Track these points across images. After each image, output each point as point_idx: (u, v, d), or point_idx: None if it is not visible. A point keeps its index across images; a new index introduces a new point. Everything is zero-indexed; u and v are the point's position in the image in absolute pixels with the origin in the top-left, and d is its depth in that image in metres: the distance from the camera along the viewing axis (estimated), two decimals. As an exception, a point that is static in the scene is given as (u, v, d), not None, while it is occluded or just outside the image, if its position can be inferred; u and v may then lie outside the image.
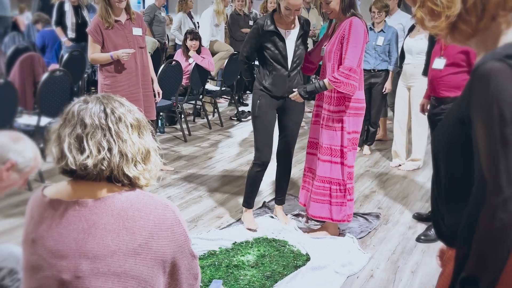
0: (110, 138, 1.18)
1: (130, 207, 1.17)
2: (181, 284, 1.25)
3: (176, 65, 5.49)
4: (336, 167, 3.18)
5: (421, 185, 4.48)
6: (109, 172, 1.18)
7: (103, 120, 1.19)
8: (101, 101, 1.23)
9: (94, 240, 1.14)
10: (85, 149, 1.16)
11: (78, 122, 1.18)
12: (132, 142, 1.21)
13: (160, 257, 1.17)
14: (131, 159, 1.20)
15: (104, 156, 1.16)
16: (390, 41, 5.05)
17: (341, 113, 3.10)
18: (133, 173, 1.21)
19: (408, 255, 3.16)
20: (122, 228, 1.14)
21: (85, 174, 1.18)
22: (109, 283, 1.11)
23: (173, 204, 1.25)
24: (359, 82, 3.08)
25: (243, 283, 2.75)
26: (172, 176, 4.48)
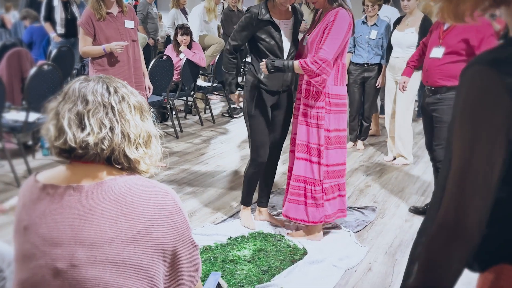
0: (113, 117, 1.13)
1: (128, 193, 1.11)
2: (182, 274, 1.19)
3: (167, 60, 5.41)
4: (312, 166, 3.01)
5: (416, 178, 4.45)
6: (109, 152, 1.12)
7: (106, 98, 1.14)
8: (103, 80, 1.18)
9: (90, 226, 1.07)
10: (86, 126, 1.10)
11: (79, 98, 1.13)
12: (135, 124, 1.16)
13: (160, 245, 1.11)
14: (133, 140, 1.15)
15: (105, 135, 1.11)
16: (383, 35, 5.02)
17: (319, 109, 2.93)
18: (134, 155, 1.15)
19: (406, 248, 3.12)
20: (120, 214, 1.08)
21: (84, 154, 1.11)
22: (107, 272, 1.06)
23: (173, 191, 1.19)
24: (341, 77, 2.97)
25: (239, 277, 2.70)
26: (164, 172, 4.41)
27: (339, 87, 2.96)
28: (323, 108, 2.92)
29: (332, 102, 2.94)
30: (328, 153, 3.00)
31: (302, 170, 3.03)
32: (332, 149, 3.02)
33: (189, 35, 5.90)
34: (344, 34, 2.82)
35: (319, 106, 2.93)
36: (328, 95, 2.92)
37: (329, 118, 2.95)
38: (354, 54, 5.16)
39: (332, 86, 2.93)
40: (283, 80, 3.11)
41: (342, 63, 2.96)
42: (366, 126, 5.38)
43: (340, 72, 2.95)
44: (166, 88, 5.50)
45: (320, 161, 2.99)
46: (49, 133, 1.14)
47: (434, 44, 3.24)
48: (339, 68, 2.94)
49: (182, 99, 6.45)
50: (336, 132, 3.01)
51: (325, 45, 2.79)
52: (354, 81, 5.20)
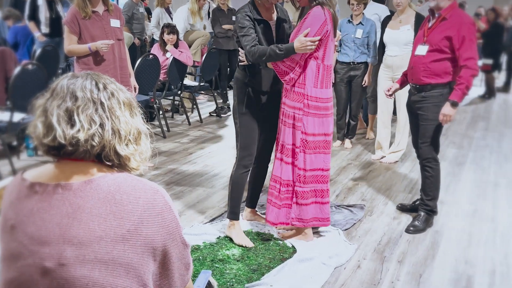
0: (103, 113, 1.11)
1: (117, 191, 1.09)
2: (173, 273, 1.18)
3: (153, 59, 5.37)
4: (285, 167, 2.97)
5: (404, 176, 4.48)
6: (100, 148, 1.11)
7: (95, 94, 1.12)
8: (92, 76, 1.16)
9: (79, 225, 1.05)
10: (76, 122, 1.08)
11: (68, 94, 1.11)
12: (125, 120, 1.14)
13: (150, 243, 1.10)
14: (124, 137, 1.14)
15: (95, 131, 1.09)
16: (369, 34, 5.03)
17: (296, 109, 2.87)
18: (125, 152, 1.13)
19: (394, 245, 3.14)
20: (109, 212, 1.07)
21: (74, 151, 1.09)
22: (96, 271, 1.04)
23: (163, 189, 1.18)
24: (322, 80, 2.86)
25: (229, 277, 2.68)
26: (152, 172, 4.38)
27: (319, 90, 2.86)
28: (301, 109, 2.86)
29: (311, 104, 2.85)
30: (305, 157, 2.92)
31: (278, 170, 3.01)
32: (311, 153, 2.93)
33: (175, 34, 5.86)
34: (313, 33, 2.73)
35: (296, 106, 2.87)
36: (306, 97, 2.84)
37: (307, 121, 2.87)
38: (340, 53, 5.18)
39: (311, 88, 2.84)
40: (272, 80, 3.03)
41: (323, 64, 2.85)
42: (353, 125, 5.40)
43: (320, 74, 2.84)
44: (153, 87, 5.46)
45: (294, 163, 2.93)
46: (37, 131, 1.11)
47: (418, 42, 3.26)
48: (319, 70, 2.84)
49: (169, 99, 6.42)
50: (317, 137, 2.91)
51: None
52: (340, 79, 5.22)
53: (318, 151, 2.95)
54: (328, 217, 3.09)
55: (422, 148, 3.32)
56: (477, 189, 4.19)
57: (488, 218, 3.59)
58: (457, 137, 6.00)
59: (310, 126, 2.88)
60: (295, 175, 2.95)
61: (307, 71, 2.83)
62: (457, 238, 3.26)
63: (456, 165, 4.85)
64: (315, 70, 2.83)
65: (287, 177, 2.98)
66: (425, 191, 3.39)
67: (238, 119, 3.05)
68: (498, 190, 4.19)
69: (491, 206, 3.82)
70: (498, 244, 3.19)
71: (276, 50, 2.76)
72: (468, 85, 3.06)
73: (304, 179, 2.95)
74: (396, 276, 2.77)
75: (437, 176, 3.36)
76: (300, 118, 2.87)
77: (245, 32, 2.85)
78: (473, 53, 3.06)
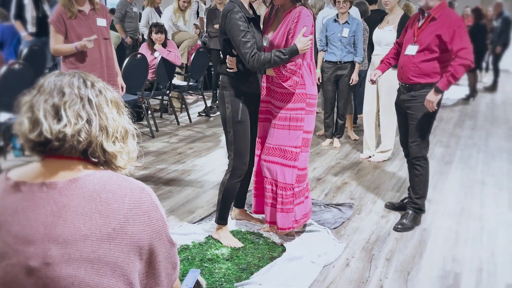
0: (90, 110, 1.11)
1: (103, 189, 1.08)
2: (159, 272, 1.17)
3: (141, 59, 5.34)
4: (286, 170, 2.94)
5: (392, 175, 4.51)
6: (86, 144, 1.10)
7: (83, 91, 1.12)
8: (80, 74, 1.16)
9: (64, 223, 1.04)
10: (63, 117, 1.08)
11: (55, 90, 1.10)
12: (112, 118, 1.14)
13: (136, 242, 1.09)
14: (111, 134, 1.13)
15: (82, 127, 1.09)
16: (355, 33, 5.06)
17: (299, 110, 2.86)
18: (112, 149, 1.13)
19: (382, 243, 3.15)
20: (94, 211, 1.06)
21: (60, 146, 1.09)
22: (81, 270, 1.03)
23: (149, 188, 1.17)
24: (313, 77, 2.93)
25: (218, 276, 2.68)
26: (140, 172, 4.36)
27: (314, 88, 2.93)
28: (304, 109, 2.87)
29: (309, 102, 2.89)
30: (302, 156, 2.95)
31: (275, 174, 2.96)
32: (305, 151, 2.97)
33: (163, 33, 5.84)
34: (308, 33, 2.76)
35: (300, 107, 2.86)
36: (307, 96, 2.87)
37: (308, 119, 2.91)
38: (327, 52, 5.20)
39: (310, 87, 2.88)
40: (259, 82, 2.99)
41: (312, 62, 2.91)
42: (341, 124, 5.42)
43: (312, 72, 2.91)
44: (141, 87, 5.43)
45: (295, 165, 2.92)
46: (23, 127, 1.10)
47: (409, 41, 3.28)
48: (310, 68, 2.90)
49: (157, 98, 6.39)
50: (310, 134, 2.97)
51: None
52: (327, 79, 5.24)
53: (307, 150, 2.99)
54: (310, 209, 3.16)
55: (412, 147, 3.34)
56: (464, 188, 4.23)
57: (475, 217, 3.62)
58: (444, 136, 6.05)
59: (310, 124, 2.93)
60: (294, 177, 2.93)
61: (304, 71, 2.84)
62: (444, 236, 3.29)
63: (444, 164, 4.89)
64: (307, 69, 2.86)
65: (284, 180, 2.94)
66: (414, 189, 3.41)
67: (232, 128, 2.90)
68: (485, 188, 4.23)
69: (478, 205, 3.86)
70: (485, 242, 3.22)
71: (281, 55, 2.69)
72: (455, 74, 3.01)
73: (299, 178, 2.97)
74: (384, 274, 2.79)
75: (426, 175, 3.39)
76: (303, 118, 2.87)
77: (242, 37, 2.67)
78: (464, 43, 3.02)
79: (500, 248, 3.14)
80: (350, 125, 5.77)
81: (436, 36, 3.10)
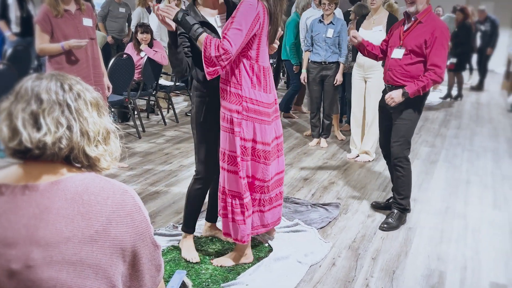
0: (70, 116, 1.09)
1: (85, 191, 1.08)
2: (143, 275, 1.17)
3: (127, 59, 5.31)
4: (231, 177, 2.67)
5: (378, 174, 4.54)
6: (68, 151, 1.09)
7: (61, 96, 1.10)
8: (57, 77, 1.13)
9: (46, 226, 1.04)
10: (42, 125, 1.06)
11: (32, 98, 1.08)
12: (93, 121, 1.13)
13: (119, 244, 1.09)
14: (93, 138, 1.12)
15: (63, 134, 1.07)
16: (340, 33, 5.09)
17: (233, 112, 2.59)
18: (94, 153, 1.12)
19: (368, 242, 3.17)
20: (76, 213, 1.05)
21: (41, 154, 1.08)
22: (64, 273, 1.02)
23: (132, 190, 1.17)
24: (258, 81, 2.61)
25: (204, 277, 2.67)
26: (126, 173, 4.33)
27: (257, 92, 2.60)
28: (240, 113, 2.58)
29: (250, 107, 2.59)
30: (246, 164, 2.68)
31: (223, 179, 2.72)
32: (248, 160, 2.68)
33: (149, 33, 5.81)
34: (248, 25, 2.44)
35: (233, 109, 2.59)
36: (244, 99, 2.58)
37: (247, 125, 2.61)
38: (312, 53, 5.23)
39: (248, 89, 2.58)
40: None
41: (257, 64, 2.58)
42: (327, 124, 5.44)
43: (255, 74, 2.58)
44: (127, 87, 5.40)
45: (238, 172, 2.65)
46: (2, 134, 1.09)
47: (395, 45, 3.31)
48: (253, 69, 2.58)
49: (144, 99, 6.36)
50: (254, 144, 2.66)
51: (228, 35, 2.43)
52: (313, 79, 5.26)
53: (258, 160, 2.71)
54: (268, 223, 2.88)
55: (394, 147, 3.37)
56: (449, 187, 4.27)
57: (460, 215, 3.66)
58: (430, 135, 6.10)
59: (250, 132, 2.63)
60: (242, 185, 2.66)
61: (241, 70, 2.56)
62: (429, 235, 3.32)
63: (429, 163, 4.93)
64: (249, 69, 2.57)
65: (236, 188, 2.69)
66: (397, 190, 3.44)
67: (195, 130, 2.81)
68: (470, 187, 4.28)
69: (462, 203, 3.90)
70: (470, 241, 3.26)
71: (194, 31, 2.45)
72: (426, 87, 3.17)
73: (257, 189, 2.75)
74: (370, 272, 2.80)
75: (409, 176, 3.42)
76: (239, 123, 2.60)
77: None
78: (441, 61, 3.14)
79: (484, 246, 3.18)
80: (337, 125, 5.79)
81: (423, 40, 3.15)
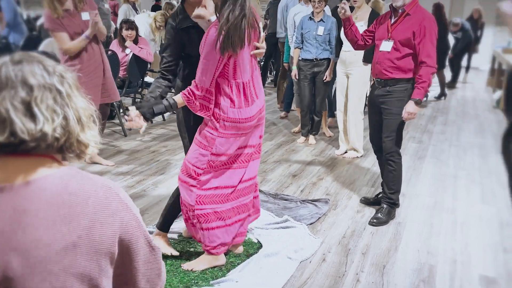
0: (63, 102, 1.00)
1: (64, 191, 0.98)
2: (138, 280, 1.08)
3: (112, 55, 5.24)
4: (188, 189, 2.60)
5: (367, 170, 4.53)
6: (63, 141, 1.00)
7: (48, 80, 0.99)
8: (34, 58, 1.01)
9: (24, 232, 0.94)
10: (37, 115, 0.96)
11: (19, 84, 0.96)
12: (81, 104, 1.04)
13: (106, 248, 0.99)
14: (85, 123, 1.04)
15: (59, 124, 0.98)
16: (330, 31, 5.07)
17: (211, 129, 2.50)
18: (87, 140, 1.05)
19: (358, 237, 3.16)
20: (56, 216, 0.95)
21: (35, 147, 0.97)
22: (46, 283, 0.93)
23: (117, 186, 1.06)
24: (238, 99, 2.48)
25: (193, 275, 2.63)
26: (113, 171, 4.27)
27: (236, 110, 2.48)
28: (216, 130, 2.49)
29: (227, 125, 2.49)
30: (207, 176, 2.58)
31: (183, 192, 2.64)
32: (214, 171, 2.59)
33: (134, 30, 5.73)
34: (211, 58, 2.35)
35: (212, 126, 2.50)
36: (221, 117, 2.48)
37: (221, 142, 2.52)
38: (302, 50, 5.20)
39: (227, 108, 2.47)
40: None
41: (235, 82, 2.46)
42: (317, 121, 5.42)
43: (234, 93, 2.47)
44: (113, 85, 5.32)
45: (195, 184, 2.56)
46: None
47: (383, 38, 3.29)
48: (232, 89, 2.46)
49: (129, 96, 6.28)
50: (224, 157, 2.56)
51: (196, 77, 2.42)
52: (304, 76, 5.23)
53: (224, 167, 2.61)
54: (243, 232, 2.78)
55: (386, 142, 3.35)
56: (437, 182, 4.28)
57: (448, 210, 3.67)
58: (417, 131, 6.12)
59: (222, 147, 2.53)
60: (193, 197, 2.58)
61: (219, 91, 2.47)
62: (418, 229, 3.32)
63: (417, 159, 4.94)
64: (227, 89, 2.46)
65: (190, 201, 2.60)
66: (388, 185, 3.43)
67: (186, 133, 2.73)
68: (458, 182, 4.29)
69: (451, 198, 3.90)
70: (458, 234, 3.26)
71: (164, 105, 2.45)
72: (430, 83, 3.15)
73: (203, 199, 2.59)
74: (360, 267, 2.78)
75: (400, 170, 3.41)
76: (213, 139, 2.50)
77: (163, 51, 2.60)
78: (432, 51, 3.12)
79: (473, 240, 3.18)
80: (325, 122, 5.78)
81: (411, 32, 3.14)
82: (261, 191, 3.84)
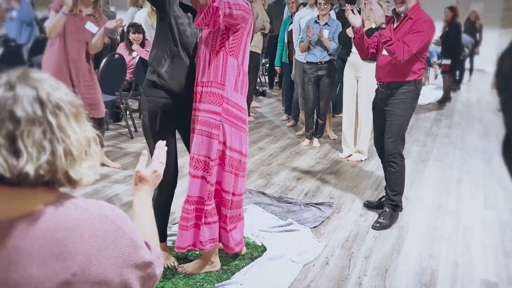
0: (52, 136, 0.93)
1: (57, 227, 0.92)
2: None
3: (119, 59, 5.29)
4: (194, 181, 2.55)
5: (370, 174, 4.56)
6: (50, 177, 0.94)
7: (40, 112, 0.92)
8: (29, 83, 0.94)
9: (16, 269, 0.90)
10: (21, 151, 0.90)
11: (6, 116, 0.90)
12: (76, 138, 0.96)
13: (103, 280, 0.95)
14: (77, 157, 0.97)
15: (47, 160, 0.92)
16: (335, 34, 5.11)
17: (213, 114, 2.43)
18: (78, 176, 0.98)
19: (361, 241, 3.19)
20: (49, 254, 0.91)
21: (17, 182, 0.92)
22: None
23: (112, 209, 1.01)
24: (244, 87, 2.49)
25: (199, 277, 2.68)
26: (119, 173, 4.32)
27: (239, 96, 2.47)
28: (219, 114, 2.43)
29: (230, 110, 2.44)
30: (219, 170, 2.53)
31: (197, 190, 2.57)
32: (226, 171, 2.53)
33: (141, 33, 5.79)
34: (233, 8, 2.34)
35: (212, 110, 2.43)
36: (225, 100, 2.43)
37: (228, 131, 2.46)
38: (307, 53, 5.24)
39: (231, 90, 2.43)
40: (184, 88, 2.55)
41: (243, 68, 2.47)
42: (321, 124, 5.46)
43: (240, 78, 2.46)
44: (119, 87, 5.38)
45: (206, 177, 2.51)
46: None
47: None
48: (239, 73, 2.46)
49: (136, 99, 6.34)
50: (234, 153, 2.50)
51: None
52: (308, 79, 5.27)
53: (234, 172, 2.55)
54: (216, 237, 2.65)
55: (388, 143, 3.39)
56: (440, 185, 4.30)
57: (452, 213, 3.69)
58: (421, 134, 6.14)
59: (228, 137, 2.47)
60: (206, 191, 2.53)
61: (228, 69, 2.42)
62: (421, 233, 3.35)
63: (420, 162, 4.97)
64: (236, 71, 2.44)
65: (194, 193, 2.56)
66: (391, 186, 3.46)
67: (152, 139, 2.59)
68: (461, 185, 4.31)
69: (454, 201, 3.93)
70: (461, 238, 3.29)
71: None
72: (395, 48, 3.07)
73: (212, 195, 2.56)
74: (363, 271, 2.82)
75: (402, 172, 3.44)
76: (218, 125, 2.44)
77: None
78: (414, 43, 3.09)
79: (476, 244, 3.21)
80: (329, 125, 5.81)
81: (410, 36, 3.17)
82: (265, 194, 3.88)
